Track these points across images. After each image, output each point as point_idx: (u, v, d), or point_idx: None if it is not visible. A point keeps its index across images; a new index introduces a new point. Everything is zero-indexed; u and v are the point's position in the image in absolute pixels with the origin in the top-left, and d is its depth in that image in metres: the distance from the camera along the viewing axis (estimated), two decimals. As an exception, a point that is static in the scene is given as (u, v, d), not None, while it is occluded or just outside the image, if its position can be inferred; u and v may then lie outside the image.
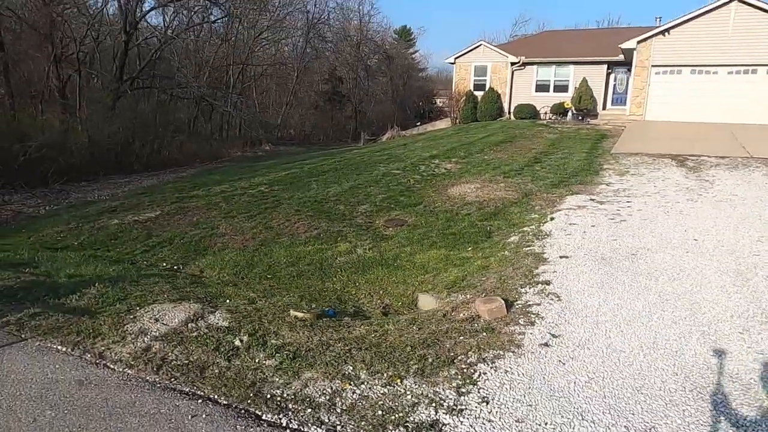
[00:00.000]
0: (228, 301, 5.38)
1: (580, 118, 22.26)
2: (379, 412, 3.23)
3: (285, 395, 3.45)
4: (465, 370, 3.65)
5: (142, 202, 11.28)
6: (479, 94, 25.78)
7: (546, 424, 3.03)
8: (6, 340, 4.24)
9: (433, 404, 3.27)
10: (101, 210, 10.75)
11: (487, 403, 3.24)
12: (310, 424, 3.14)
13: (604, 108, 23.86)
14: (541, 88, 25.28)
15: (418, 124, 30.78)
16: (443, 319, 4.72)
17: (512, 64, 25.34)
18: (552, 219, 7.73)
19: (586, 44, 25.83)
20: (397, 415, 3.19)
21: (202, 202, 10.72)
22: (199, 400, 3.37)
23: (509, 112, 25.53)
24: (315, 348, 4.10)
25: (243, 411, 3.27)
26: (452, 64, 27.39)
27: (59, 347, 4.12)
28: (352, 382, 3.59)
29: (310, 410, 3.27)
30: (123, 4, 20.69)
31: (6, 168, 12.91)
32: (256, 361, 3.93)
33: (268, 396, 3.44)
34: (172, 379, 3.65)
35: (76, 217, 10.23)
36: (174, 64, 24.36)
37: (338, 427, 3.11)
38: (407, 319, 4.88)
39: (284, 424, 3.15)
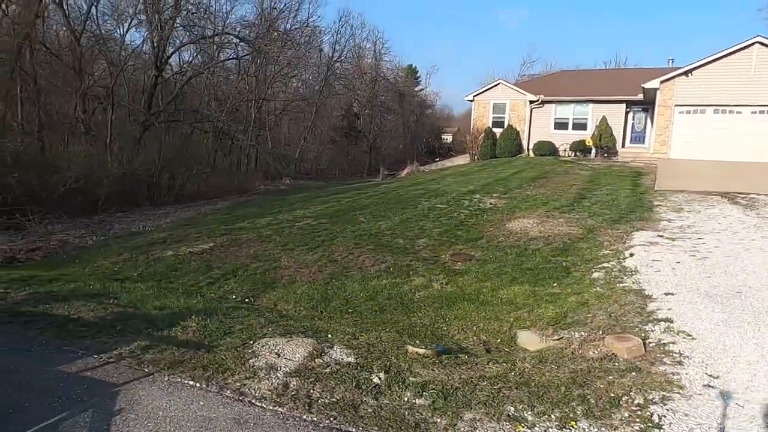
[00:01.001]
0: (330, 335, 5.19)
1: (605, 155, 22.45)
2: (572, 458, 3.03)
3: (458, 438, 3.26)
4: (639, 413, 3.47)
5: (190, 234, 11.14)
6: (498, 131, 26.02)
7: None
8: (132, 374, 4.03)
9: (628, 449, 3.08)
10: (150, 241, 10.60)
11: (688, 449, 3.05)
12: (503, 470, 2.94)
13: (623, 146, 24.09)
14: (560, 125, 25.58)
15: (437, 159, 31.03)
16: (574, 357, 4.54)
17: (531, 102, 25.73)
18: (632, 255, 7.62)
19: (603, 84, 26.32)
20: (594, 461, 2.99)
21: (252, 235, 10.59)
22: (374, 442, 3.17)
23: (528, 149, 25.76)
24: (461, 387, 3.91)
25: (427, 455, 3.06)
26: (471, 101, 27.81)
27: (190, 382, 3.92)
28: (522, 424, 3.39)
29: (497, 454, 3.07)
30: (155, 42, 21.09)
31: (44, 198, 12.83)
32: (405, 399, 3.73)
33: (442, 438, 3.24)
34: (331, 419, 3.44)
35: (126, 248, 10.07)
36: (199, 99, 24.65)
37: (536, 474, 2.91)
38: (533, 357, 4.70)
39: (475, 470, 2.95)
